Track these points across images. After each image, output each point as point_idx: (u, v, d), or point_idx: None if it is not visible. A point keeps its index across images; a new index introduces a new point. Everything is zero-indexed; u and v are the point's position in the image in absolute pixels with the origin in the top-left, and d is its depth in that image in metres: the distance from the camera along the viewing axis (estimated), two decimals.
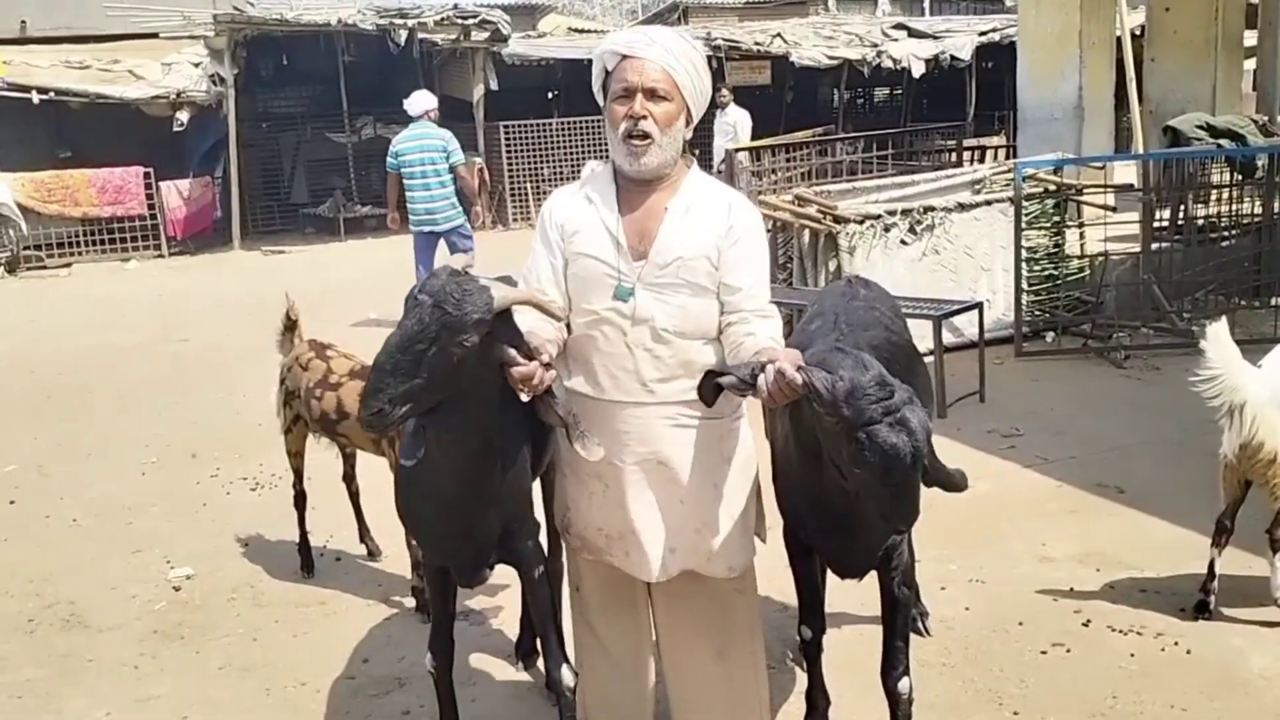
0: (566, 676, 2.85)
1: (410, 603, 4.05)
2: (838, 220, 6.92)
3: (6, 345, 9.47)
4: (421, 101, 8.58)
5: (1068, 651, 3.55)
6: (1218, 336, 3.51)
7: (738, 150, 8.84)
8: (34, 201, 14.55)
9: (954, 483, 2.39)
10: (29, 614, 4.17)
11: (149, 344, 9.32)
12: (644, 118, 2.48)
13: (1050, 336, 7.42)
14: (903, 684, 2.77)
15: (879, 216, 7.00)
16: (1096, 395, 6.32)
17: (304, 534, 4.42)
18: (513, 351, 2.34)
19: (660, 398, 2.59)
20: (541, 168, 17.11)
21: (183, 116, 15.24)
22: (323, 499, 4.64)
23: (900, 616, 2.78)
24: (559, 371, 2.54)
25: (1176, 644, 3.55)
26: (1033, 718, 3.19)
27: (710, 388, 2.40)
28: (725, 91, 13.17)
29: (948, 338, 7.09)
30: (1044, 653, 3.55)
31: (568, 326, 2.62)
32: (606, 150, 2.61)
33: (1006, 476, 5.13)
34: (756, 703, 2.87)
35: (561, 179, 17.14)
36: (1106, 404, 6.14)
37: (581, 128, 16.99)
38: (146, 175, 15.12)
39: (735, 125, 12.74)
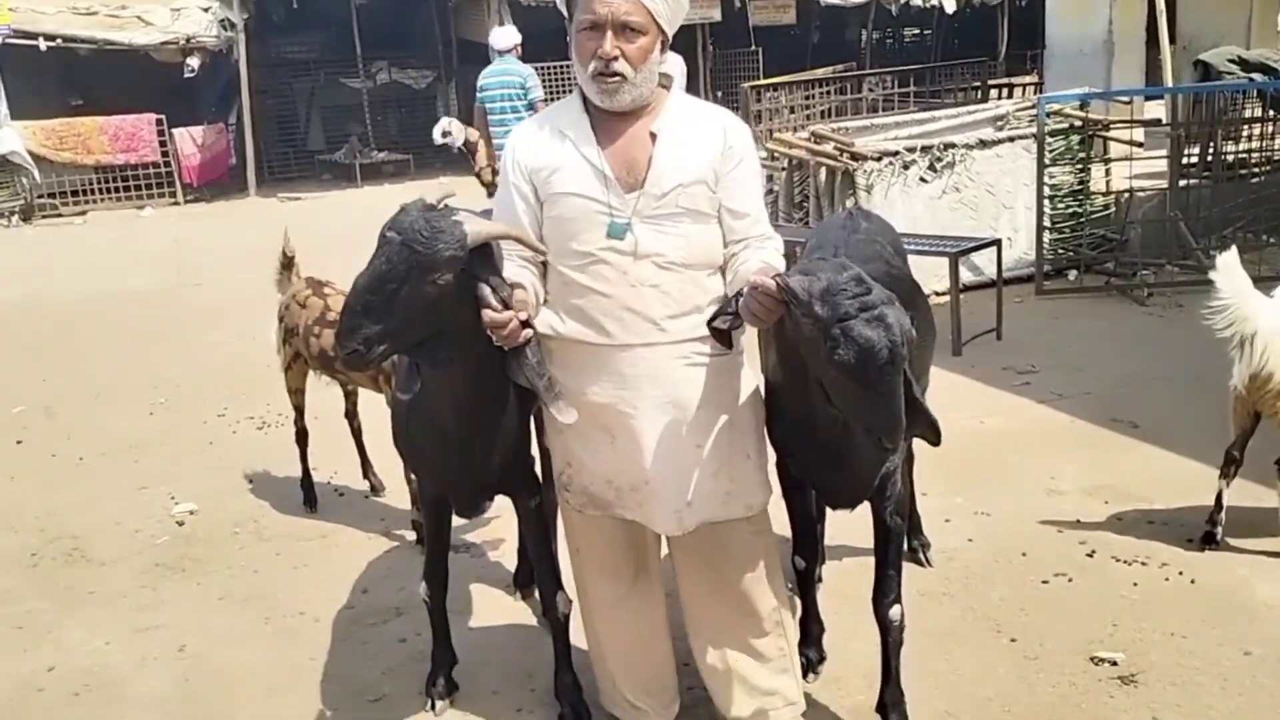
0: (561, 603, 2.89)
1: (411, 536, 4.12)
2: (855, 157, 6.85)
3: (19, 290, 9.61)
4: (506, 37, 8.57)
5: (1070, 581, 3.56)
6: (1228, 266, 3.47)
7: (752, 87, 8.70)
8: (46, 149, 14.66)
9: (932, 426, 2.35)
10: (32, 548, 4.27)
11: (161, 290, 9.42)
12: (615, 58, 2.33)
13: (1073, 275, 7.35)
14: (894, 611, 2.77)
15: (897, 153, 6.92)
16: (1117, 333, 6.27)
17: (306, 470, 4.49)
18: (488, 292, 2.27)
19: (673, 335, 2.49)
20: None
21: (193, 62, 15.25)
22: (326, 437, 4.71)
23: (893, 546, 2.77)
24: (552, 322, 2.50)
25: (1181, 574, 3.55)
26: (1030, 644, 3.21)
27: (714, 331, 2.39)
28: None
29: (968, 276, 7.06)
30: (1045, 582, 3.56)
31: (545, 277, 2.53)
32: None
33: (1018, 412, 5.12)
34: (784, 643, 2.79)
35: None
36: (1126, 341, 6.09)
37: None
38: (159, 122, 15.18)
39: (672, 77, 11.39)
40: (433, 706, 3.03)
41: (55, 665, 3.40)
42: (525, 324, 2.32)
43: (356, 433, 4.57)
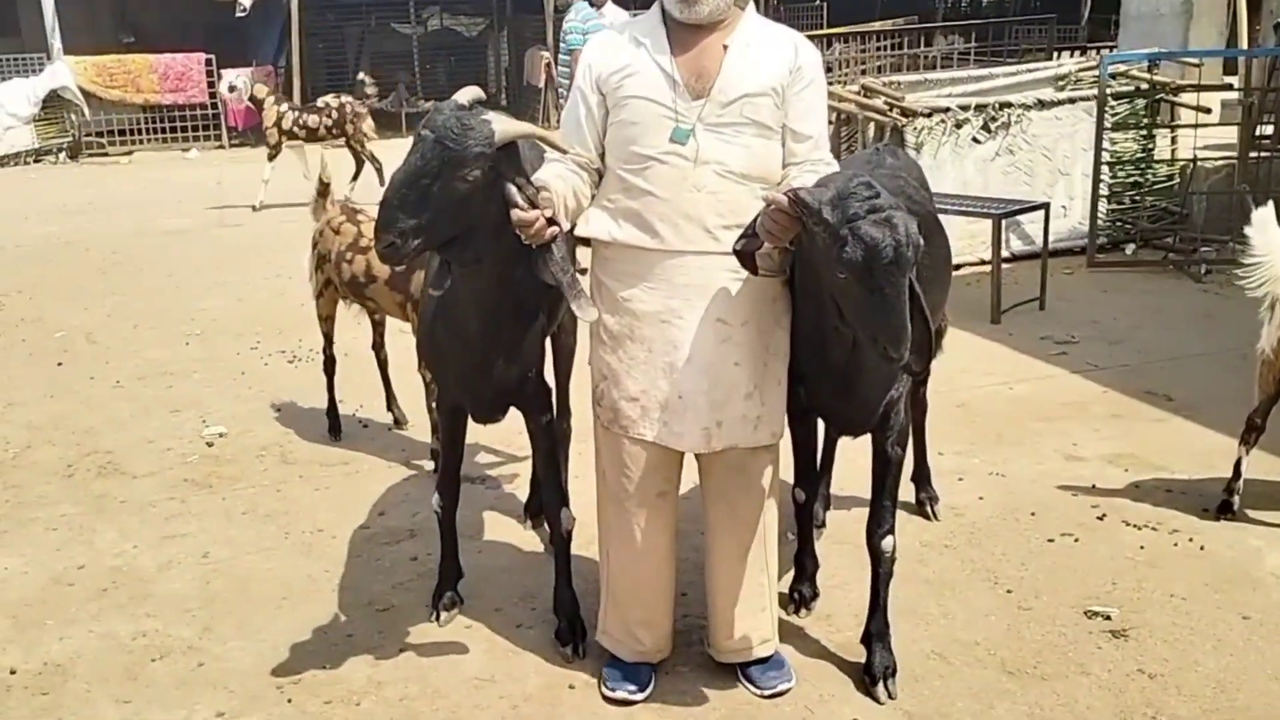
0: (565, 519, 3.14)
1: (429, 466, 4.39)
2: (905, 113, 6.96)
3: (65, 225, 10.09)
4: None
5: (1075, 541, 3.72)
6: (1264, 222, 3.57)
7: (813, 37, 8.73)
8: (96, 86, 15.17)
9: (925, 349, 2.50)
10: (69, 460, 4.62)
11: (202, 228, 9.84)
12: None
13: (1130, 249, 7.40)
14: (886, 542, 2.95)
15: (949, 110, 7.01)
16: (1166, 308, 6.35)
17: (332, 399, 4.78)
18: (514, 190, 2.49)
19: (724, 246, 2.61)
20: None
21: (245, 1, 15.61)
22: (354, 372, 5.01)
23: (891, 476, 2.95)
24: (609, 227, 2.70)
25: (1191, 540, 3.70)
26: (1026, 596, 3.39)
27: (744, 257, 2.55)
28: None
29: (1017, 245, 7.18)
30: (1051, 540, 3.73)
31: (599, 179, 2.74)
32: None
33: (1050, 380, 5.25)
34: (767, 580, 2.97)
35: None
36: (1175, 316, 6.17)
37: None
38: (208, 62, 15.62)
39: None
40: (437, 618, 3.30)
41: (85, 564, 3.72)
42: (551, 222, 2.53)
43: (383, 365, 4.85)
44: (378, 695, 2.97)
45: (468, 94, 2.61)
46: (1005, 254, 6.50)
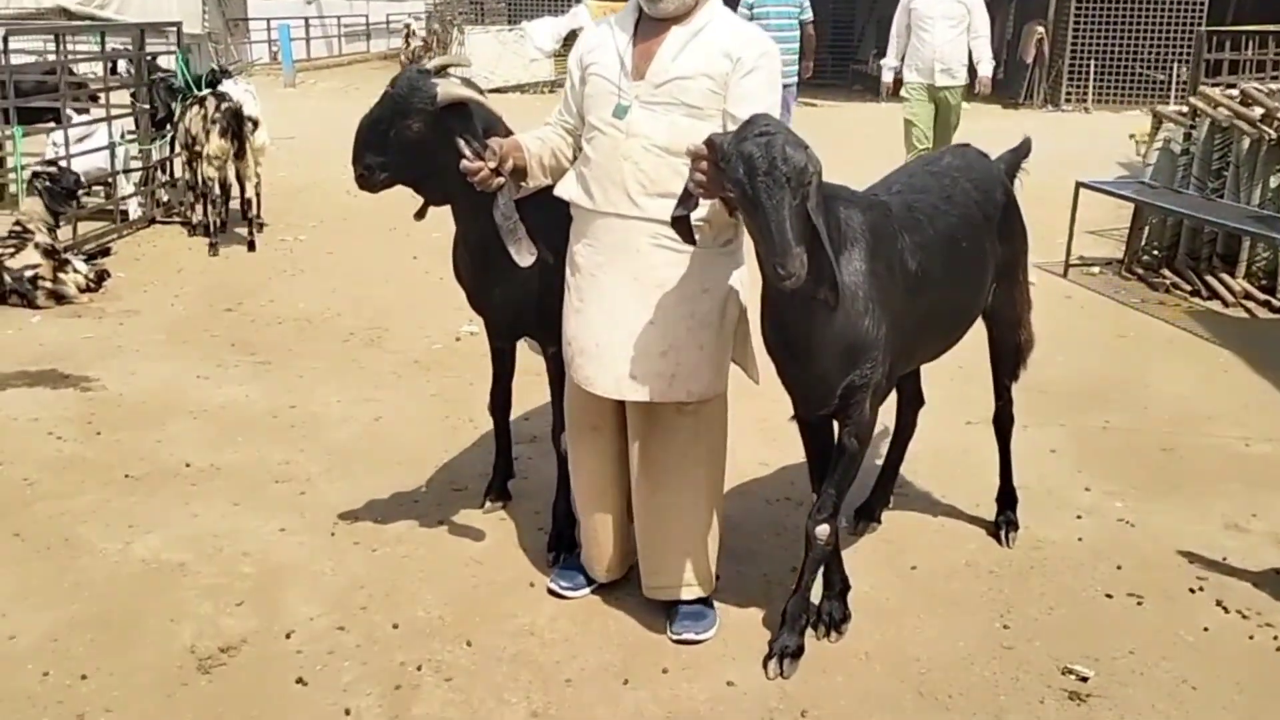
0: (561, 441, 3.57)
1: None
2: None
3: None
4: None
5: (1138, 604, 3.40)
6: None
7: (1212, 32, 7.55)
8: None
9: (834, 286, 2.62)
10: (350, 329, 5.86)
11: None
12: None
13: None
14: (820, 529, 3.00)
15: None
16: None
17: None
18: (461, 142, 2.96)
19: (643, 212, 2.93)
20: (1111, 42, 15.92)
21: None
22: None
23: (841, 466, 3.01)
24: (568, 186, 3.08)
25: (1276, 639, 3.23)
26: (1017, 638, 3.19)
27: (681, 227, 2.80)
28: None
29: None
30: (1109, 596, 3.44)
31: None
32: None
33: None
34: (691, 546, 3.19)
35: (1130, 57, 15.90)
36: None
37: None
38: None
39: (969, 9, 8.37)
40: (482, 504, 3.92)
41: (295, 405, 4.82)
42: (496, 172, 2.98)
43: None
44: (392, 550, 3.64)
45: (435, 62, 3.17)
46: None
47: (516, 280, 3.33)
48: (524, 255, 3.05)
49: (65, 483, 4.02)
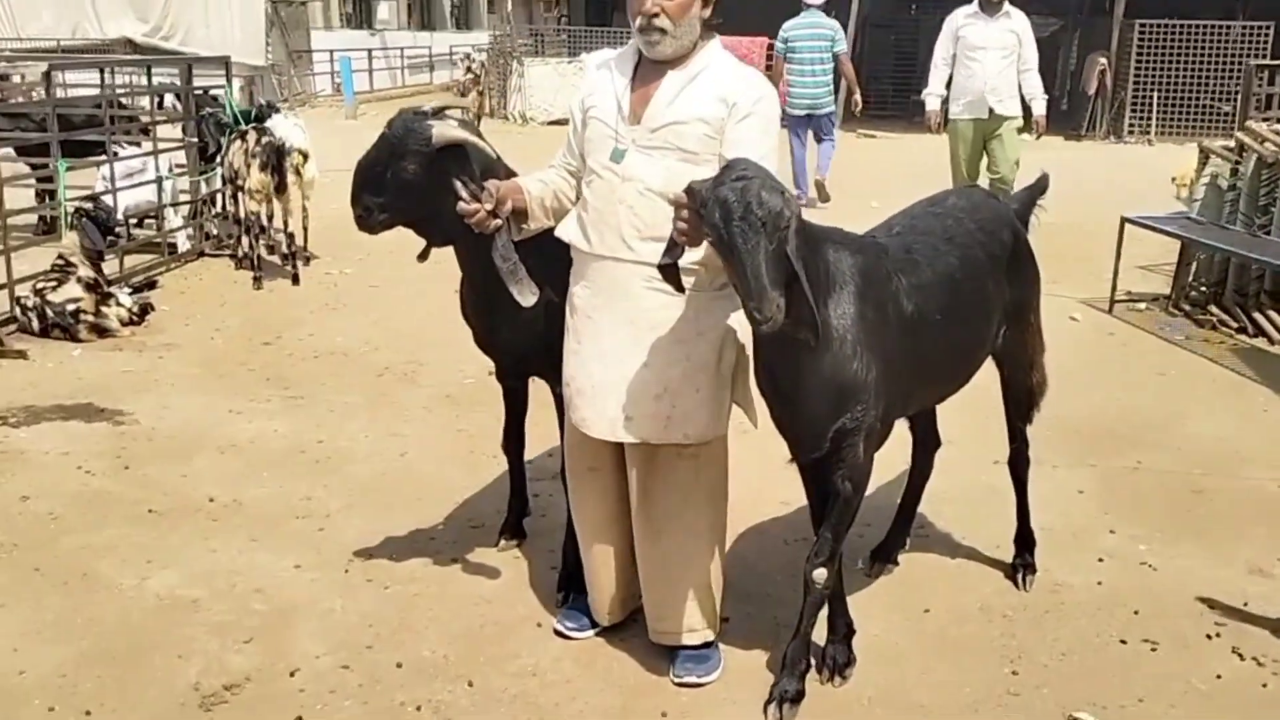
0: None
1: None
2: None
3: None
4: None
5: (1152, 650, 3.35)
6: None
7: (1262, 67, 7.40)
8: None
9: (813, 327, 2.64)
10: (387, 364, 5.96)
11: None
12: (656, 15, 2.88)
13: None
14: (818, 573, 3.00)
15: None
16: None
17: None
18: (458, 184, 3.00)
19: (639, 256, 2.95)
20: (1174, 74, 15.70)
21: None
22: None
23: (836, 511, 3.00)
24: (569, 227, 3.11)
25: None
26: (1025, 685, 3.16)
27: (669, 275, 2.82)
28: None
29: None
30: (1123, 642, 3.38)
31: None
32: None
33: None
34: (695, 590, 3.19)
35: (1193, 88, 15.67)
36: None
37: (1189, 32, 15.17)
38: (770, 47, 16.86)
39: (1021, 40, 8.14)
40: (497, 542, 3.96)
41: (323, 440, 4.91)
42: (494, 214, 3.01)
43: None
44: (404, 588, 3.69)
45: (431, 104, 3.23)
46: None
47: (522, 321, 3.37)
48: (526, 295, 3.08)
49: (89, 517, 4.13)
